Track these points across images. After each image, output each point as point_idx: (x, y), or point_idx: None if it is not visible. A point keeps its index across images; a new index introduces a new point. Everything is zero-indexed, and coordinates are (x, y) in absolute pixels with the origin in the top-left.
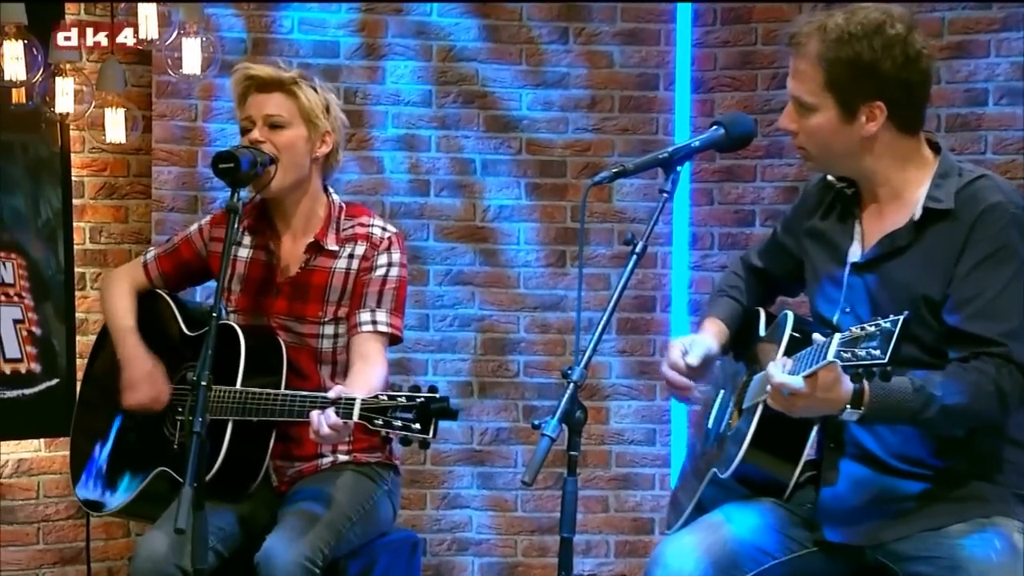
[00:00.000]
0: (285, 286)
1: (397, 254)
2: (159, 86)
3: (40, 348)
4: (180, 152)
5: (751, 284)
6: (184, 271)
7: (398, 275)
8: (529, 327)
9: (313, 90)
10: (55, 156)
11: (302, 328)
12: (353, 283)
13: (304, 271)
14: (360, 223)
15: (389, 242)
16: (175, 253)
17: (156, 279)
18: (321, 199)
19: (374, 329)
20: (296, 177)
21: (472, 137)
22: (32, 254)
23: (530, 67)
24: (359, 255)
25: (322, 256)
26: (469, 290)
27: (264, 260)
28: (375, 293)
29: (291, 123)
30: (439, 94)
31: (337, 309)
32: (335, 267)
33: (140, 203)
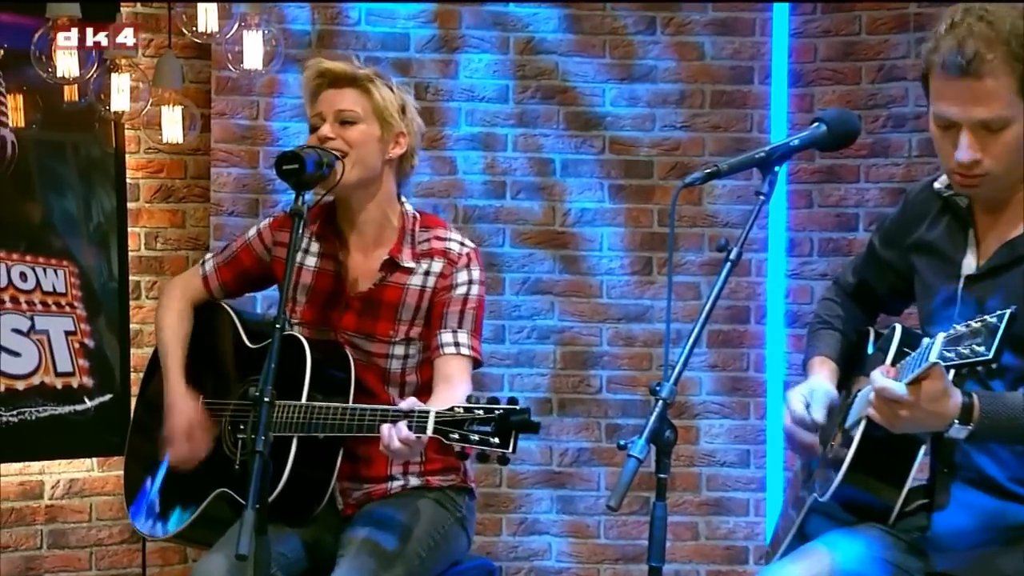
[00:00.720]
0: (355, 301)
1: (476, 271)
2: (219, 82)
3: (93, 361)
4: (240, 152)
5: (851, 309)
6: (245, 279)
7: (478, 294)
8: (613, 340)
9: (389, 89)
10: (108, 157)
11: (371, 346)
12: (429, 302)
13: (377, 288)
14: (436, 236)
15: (468, 258)
16: (235, 261)
17: (216, 290)
18: (394, 207)
19: (458, 352)
20: (365, 174)
21: (552, 135)
22: (84, 261)
23: (615, 60)
24: (436, 272)
25: (397, 273)
26: (548, 300)
27: (333, 271)
28: (456, 313)
29: (363, 120)
30: (517, 89)
31: (409, 329)
32: (409, 284)
33: (198, 207)
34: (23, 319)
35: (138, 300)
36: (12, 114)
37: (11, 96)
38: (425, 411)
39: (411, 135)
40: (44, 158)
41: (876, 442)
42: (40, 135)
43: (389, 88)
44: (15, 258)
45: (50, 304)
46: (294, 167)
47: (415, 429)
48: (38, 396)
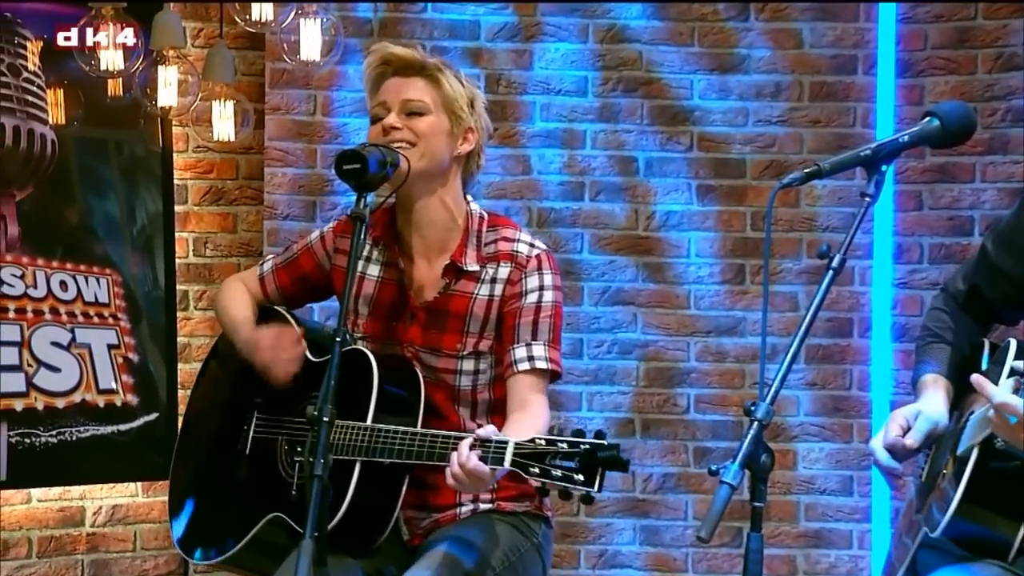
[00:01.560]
0: (420, 312)
1: (549, 275)
2: (273, 75)
3: (137, 377)
4: (297, 151)
5: (962, 320)
6: (304, 286)
7: (552, 300)
8: (702, 355)
9: (459, 81)
10: (154, 155)
11: (437, 362)
12: (498, 312)
13: (442, 297)
14: (504, 237)
15: (539, 261)
16: (294, 265)
17: (273, 294)
18: (460, 208)
19: (532, 367)
20: (431, 166)
21: (635, 131)
22: (127, 269)
23: (704, 48)
24: (503, 278)
25: (462, 279)
26: (631, 311)
27: (395, 280)
28: (528, 324)
29: (431, 111)
30: (597, 81)
31: (478, 341)
32: (476, 293)
33: (250, 210)
34: (63, 331)
35: (186, 311)
36: (52, 110)
37: (51, 91)
38: (503, 441)
39: (479, 132)
40: (85, 157)
41: (992, 471)
42: (81, 132)
43: (458, 80)
44: (55, 265)
45: (92, 315)
46: (356, 167)
47: (491, 460)
48: (79, 415)
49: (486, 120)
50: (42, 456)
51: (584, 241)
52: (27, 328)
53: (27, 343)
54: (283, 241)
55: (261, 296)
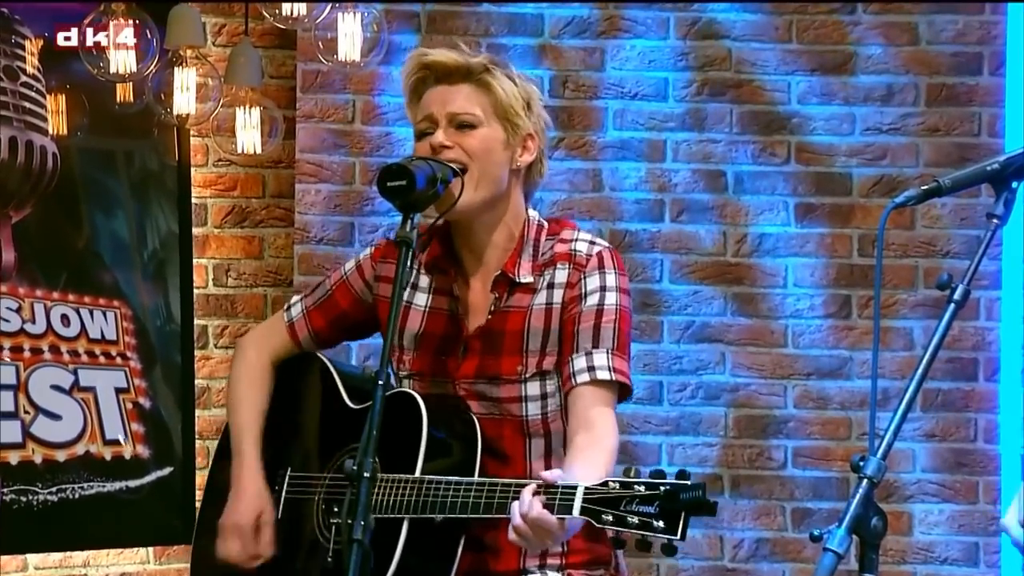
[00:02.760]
0: (474, 341)
1: (612, 274)
2: (306, 77)
3: (149, 426)
4: (332, 165)
5: None
6: (342, 325)
7: (616, 302)
8: (801, 400)
9: (510, 80)
10: (169, 170)
11: (498, 391)
12: (559, 322)
13: (495, 316)
14: (560, 240)
15: (599, 259)
16: (329, 303)
17: (306, 341)
18: (520, 220)
19: (593, 378)
20: (491, 192)
21: (724, 141)
22: (138, 300)
23: (804, 45)
24: (561, 282)
25: (517, 293)
26: (718, 349)
27: (446, 310)
28: (589, 329)
29: (484, 122)
30: (680, 83)
31: (542, 360)
32: (533, 304)
33: (279, 232)
34: (65, 373)
35: (204, 349)
36: (53, 119)
37: (52, 96)
38: (571, 486)
39: (540, 135)
40: (91, 172)
41: None
42: (86, 144)
43: (510, 79)
44: (55, 297)
45: (97, 354)
46: (401, 183)
47: (558, 509)
48: (82, 469)
49: (546, 120)
50: (40, 516)
51: (664, 268)
52: (24, 369)
53: (24, 386)
54: (317, 269)
55: (292, 346)
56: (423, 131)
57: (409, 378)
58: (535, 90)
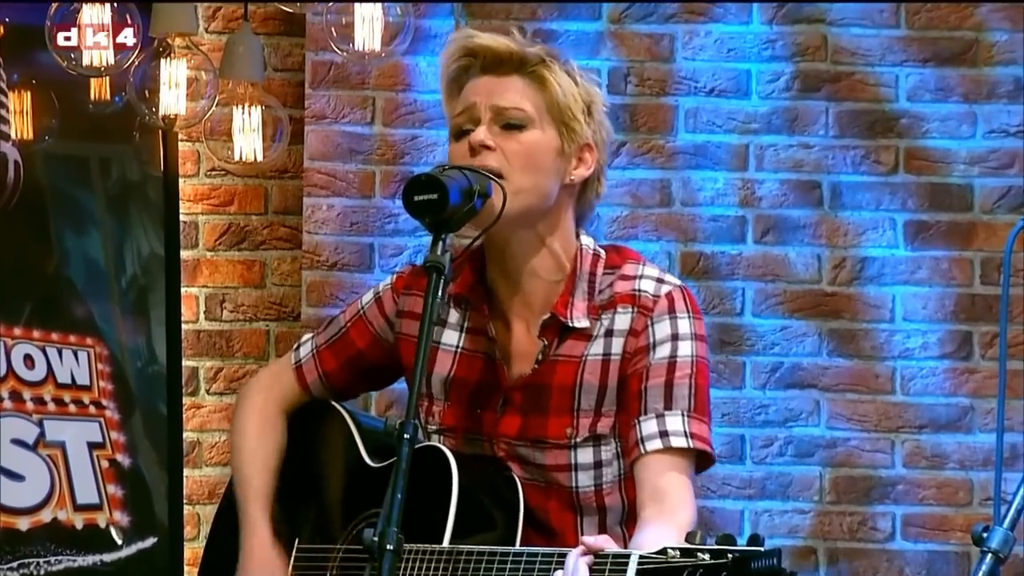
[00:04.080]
0: (515, 393)
1: (685, 319)
2: (316, 70)
3: (129, 488)
4: (348, 175)
5: None
6: (359, 369)
7: (691, 353)
8: (912, 458)
9: (570, 77)
10: (152, 181)
11: (544, 457)
12: (619, 376)
13: (542, 367)
14: (622, 276)
15: (670, 301)
16: (343, 342)
17: (317, 387)
18: (571, 250)
19: (666, 445)
20: (533, 204)
21: (817, 147)
22: (115, 336)
23: (914, 31)
24: (622, 329)
25: (569, 340)
26: (811, 396)
27: (483, 352)
28: (659, 387)
29: (535, 123)
30: (765, 77)
31: (595, 421)
32: (587, 354)
33: (285, 256)
34: (28, 425)
35: (195, 396)
36: (16, 121)
37: (15, 94)
38: (624, 554)
39: (600, 147)
40: (60, 183)
41: None
42: (55, 150)
43: (571, 77)
44: (17, 334)
45: (67, 402)
46: (431, 197)
47: None
48: (49, 540)
49: (608, 130)
50: None
51: (747, 299)
52: None
53: None
54: (329, 299)
55: (301, 394)
56: (461, 128)
57: (439, 434)
58: (599, 93)
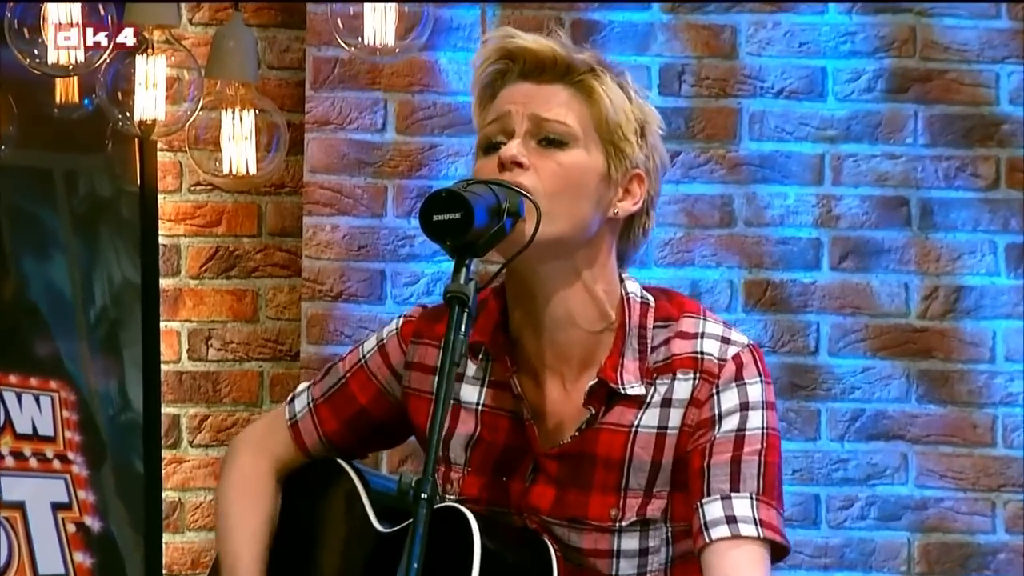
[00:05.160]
0: (549, 463)
1: (758, 385)
2: (318, 68)
3: (99, 556)
4: (356, 191)
5: None
6: (364, 429)
7: (763, 426)
8: (1015, 522)
9: (623, 92)
10: (127, 197)
11: (581, 539)
12: (676, 452)
13: (583, 435)
14: (680, 333)
15: (738, 366)
16: (342, 397)
17: (316, 447)
18: (614, 295)
19: (734, 534)
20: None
21: (905, 157)
22: (83, 378)
23: (1017, 22)
24: (682, 399)
25: (618, 407)
26: (898, 450)
27: (509, 410)
28: (725, 465)
29: (578, 141)
30: (843, 75)
31: (645, 503)
32: (639, 425)
33: (281, 285)
34: None
35: (175, 449)
36: None
37: None
38: None
39: (652, 177)
40: (19, 199)
41: None
42: (14, 161)
43: (624, 91)
44: None
45: (27, 456)
46: (453, 217)
47: None
48: None
49: (662, 157)
50: None
51: (822, 335)
52: None
53: None
54: (334, 336)
55: (296, 454)
56: (491, 140)
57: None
58: (654, 113)
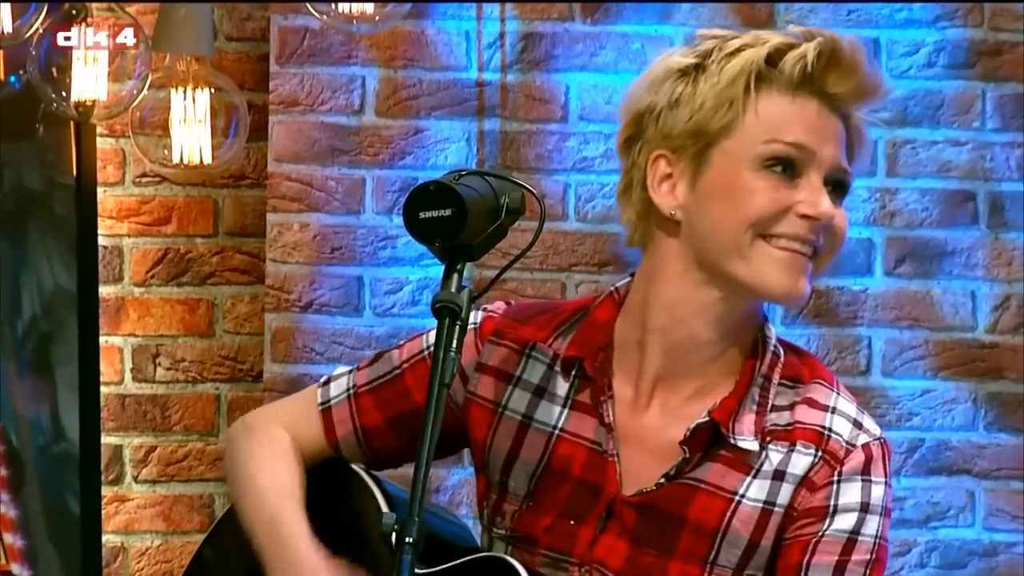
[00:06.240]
0: (626, 511)
1: (881, 487)
2: (285, 39)
3: None
4: (329, 183)
5: None
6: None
7: (876, 534)
8: None
9: None
10: (61, 191)
11: None
12: (777, 534)
13: (672, 486)
14: (808, 400)
15: (867, 459)
16: (394, 389)
17: (349, 445)
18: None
19: None
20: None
21: (971, 144)
22: (7, 403)
23: None
24: (797, 474)
25: (719, 462)
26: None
27: (591, 441)
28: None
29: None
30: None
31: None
32: (743, 494)
33: (240, 293)
34: None
35: (118, 485)
36: None
37: None
38: None
39: None
40: None
41: None
42: None
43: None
44: None
45: None
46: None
47: None
48: None
49: None
50: None
51: (874, 351)
52: None
53: None
54: (304, 353)
55: (323, 446)
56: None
57: (507, 543)
58: None
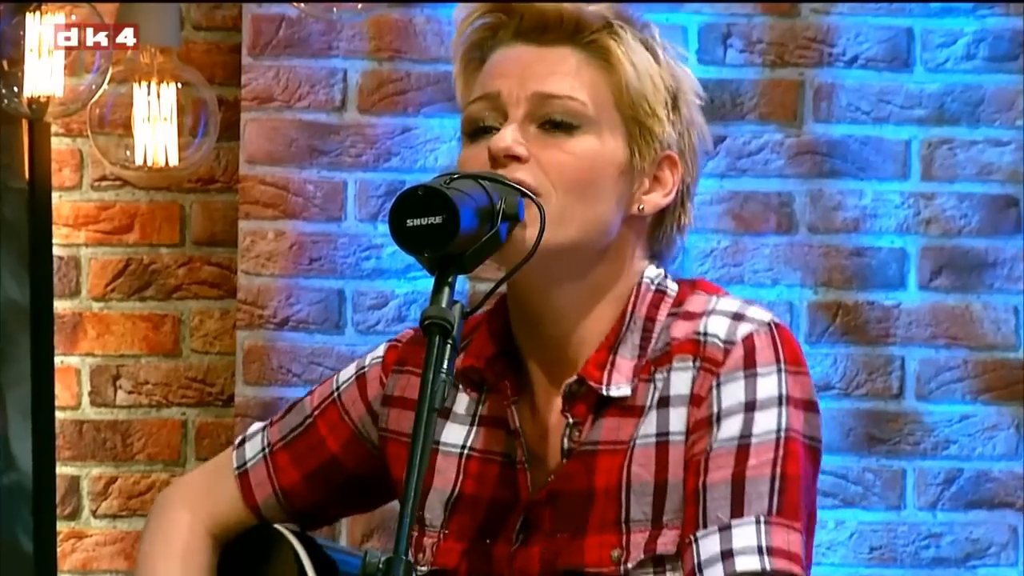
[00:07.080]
0: (539, 510)
1: (772, 375)
2: (258, 29)
3: None
4: (307, 187)
5: None
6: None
7: (778, 427)
8: None
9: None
10: (11, 196)
11: None
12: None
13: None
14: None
15: (746, 350)
16: (308, 442)
17: (270, 508)
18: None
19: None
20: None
21: (1014, 143)
22: None
23: None
24: (682, 394)
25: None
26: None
27: (501, 454)
28: (724, 485)
29: (592, 123)
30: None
31: (656, 536)
32: (636, 438)
33: (210, 309)
34: None
35: (75, 520)
36: None
37: None
38: None
39: (687, 160)
40: None
41: None
42: None
43: (649, 50)
44: None
45: None
46: (433, 221)
47: None
48: None
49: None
50: None
51: (907, 372)
52: None
53: None
54: (278, 373)
55: (244, 513)
56: (479, 123)
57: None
58: (689, 77)
